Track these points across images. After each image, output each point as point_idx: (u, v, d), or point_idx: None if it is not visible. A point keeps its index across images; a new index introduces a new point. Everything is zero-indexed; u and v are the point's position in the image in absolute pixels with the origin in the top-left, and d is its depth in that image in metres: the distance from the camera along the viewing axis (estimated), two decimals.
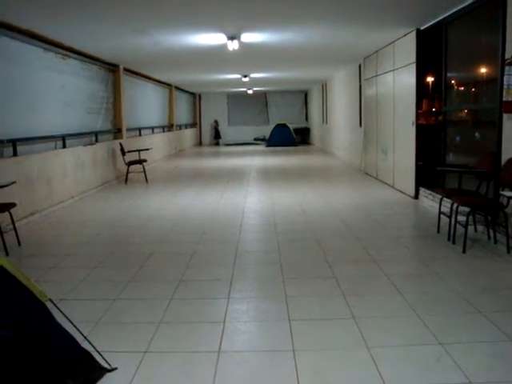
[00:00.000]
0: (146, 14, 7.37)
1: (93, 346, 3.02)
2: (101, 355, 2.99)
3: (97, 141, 11.58)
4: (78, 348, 2.83)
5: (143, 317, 3.88)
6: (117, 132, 13.17)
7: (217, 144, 27.68)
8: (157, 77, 17.29)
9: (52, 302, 2.80)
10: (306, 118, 27.83)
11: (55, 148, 9.41)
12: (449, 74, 7.93)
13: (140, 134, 15.80)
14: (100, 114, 12.10)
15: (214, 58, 11.88)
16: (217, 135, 27.91)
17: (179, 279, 4.74)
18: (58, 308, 2.84)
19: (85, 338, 3.06)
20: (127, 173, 12.04)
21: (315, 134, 25.15)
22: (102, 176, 11.47)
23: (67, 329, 2.81)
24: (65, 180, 9.27)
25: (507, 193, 4.98)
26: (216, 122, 27.82)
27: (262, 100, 27.93)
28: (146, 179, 12.13)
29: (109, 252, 5.86)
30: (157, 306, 4.07)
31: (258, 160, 17.85)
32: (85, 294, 4.42)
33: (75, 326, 2.96)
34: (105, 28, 8.28)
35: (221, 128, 27.92)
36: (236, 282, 4.64)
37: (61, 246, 6.26)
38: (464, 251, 5.40)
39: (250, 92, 25.31)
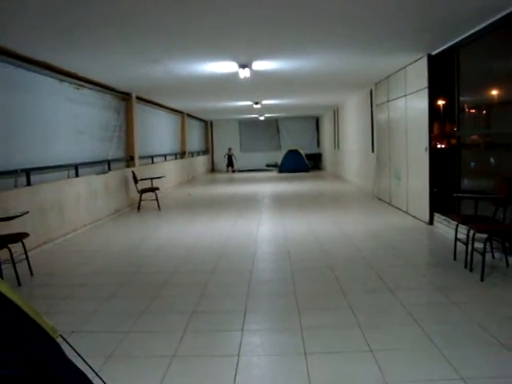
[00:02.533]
0: (159, 44, 7.45)
1: (104, 383, 2.95)
2: None
3: (109, 169, 11.63)
4: None
5: (156, 350, 3.81)
6: (129, 160, 13.24)
7: (231, 171, 26.78)
8: (169, 104, 17.43)
9: (62, 337, 2.74)
10: (318, 144, 27.86)
11: (68, 177, 9.45)
12: (461, 98, 7.88)
13: (152, 162, 15.88)
14: (112, 143, 12.18)
15: (226, 85, 11.96)
16: (229, 163, 27.10)
17: (192, 310, 4.67)
18: (67, 343, 2.78)
19: (96, 374, 2.98)
20: (140, 201, 12.05)
21: (327, 159, 25.13)
22: (115, 204, 11.48)
23: (78, 364, 2.74)
24: (77, 208, 9.29)
25: None
26: (229, 149, 27.10)
27: (273, 126, 28.05)
28: (159, 207, 12.12)
29: (121, 282, 5.81)
30: (170, 338, 4.00)
31: (270, 186, 17.82)
32: (97, 327, 4.37)
33: (86, 362, 2.89)
34: (118, 58, 8.37)
35: (235, 155, 27.34)
36: (250, 314, 4.56)
37: (73, 275, 6.22)
38: (482, 279, 5.29)
39: (261, 118, 25.42)
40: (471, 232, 5.67)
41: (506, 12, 6.03)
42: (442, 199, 8.51)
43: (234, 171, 26.72)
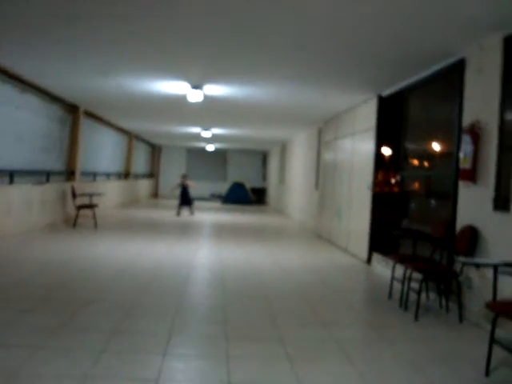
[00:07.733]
0: (109, 55, 7.23)
1: None
2: None
3: (48, 180, 11.16)
4: None
5: (67, 369, 3.47)
6: (70, 174, 12.78)
7: (190, 214, 16.78)
8: (117, 123, 17.09)
9: None
10: (264, 179, 27.98)
11: (1, 183, 8.98)
12: (407, 144, 7.98)
13: (95, 179, 15.42)
14: (53, 154, 11.73)
15: (176, 108, 11.81)
16: (184, 199, 16.87)
17: (114, 330, 4.37)
18: None
19: None
20: (76, 216, 11.58)
21: (271, 194, 25.20)
22: (50, 217, 10.99)
23: None
24: (8, 217, 8.80)
25: (462, 258, 4.87)
26: (184, 176, 17.80)
27: (221, 157, 28.09)
28: (96, 225, 11.68)
29: (43, 295, 5.43)
30: (84, 357, 3.68)
31: (212, 216, 17.60)
32: (5, 339, 3.99)
33: None
34: (66, 65, 8.06)
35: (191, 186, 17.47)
36: (175, 337, 4.30)
37: None
38: (416, 319, 5.23)
39: (209, 149, 25.32)
40: (408, 271, 5.64)
41: (452, 61, 6.17)
42: (382, 240, 8.53)
43: (192, 213, 16.91)
